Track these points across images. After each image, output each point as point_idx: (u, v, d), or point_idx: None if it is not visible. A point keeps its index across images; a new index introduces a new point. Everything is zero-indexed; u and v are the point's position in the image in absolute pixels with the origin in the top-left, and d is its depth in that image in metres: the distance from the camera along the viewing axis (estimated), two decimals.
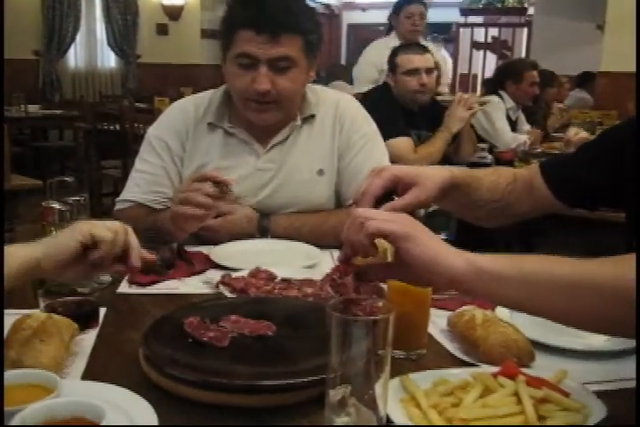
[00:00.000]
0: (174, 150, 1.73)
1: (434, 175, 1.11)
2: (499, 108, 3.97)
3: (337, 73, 6.70)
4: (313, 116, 1.75)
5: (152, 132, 1.78)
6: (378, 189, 1.06)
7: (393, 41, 4.25)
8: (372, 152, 1.77)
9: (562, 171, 1.25)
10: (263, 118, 1.66)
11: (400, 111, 3.14)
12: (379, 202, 1.06)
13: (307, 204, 1.72)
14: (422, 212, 2.10)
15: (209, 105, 1.74)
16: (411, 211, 1.06)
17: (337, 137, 1.75)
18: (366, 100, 1.89)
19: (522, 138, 3.79)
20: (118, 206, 1.75)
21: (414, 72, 3.14)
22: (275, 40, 1.55)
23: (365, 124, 1.80)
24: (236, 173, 1.70)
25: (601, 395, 0.88)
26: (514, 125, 4.08)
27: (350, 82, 5.12)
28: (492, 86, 4.23)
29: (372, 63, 4.32)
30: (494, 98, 3.97)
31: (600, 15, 6.24)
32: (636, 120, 1.15)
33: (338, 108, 1.77)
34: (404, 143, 3.00)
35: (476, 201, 1.22)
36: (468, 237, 1.53)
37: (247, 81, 1.59)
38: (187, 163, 1.73)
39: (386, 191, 1.07)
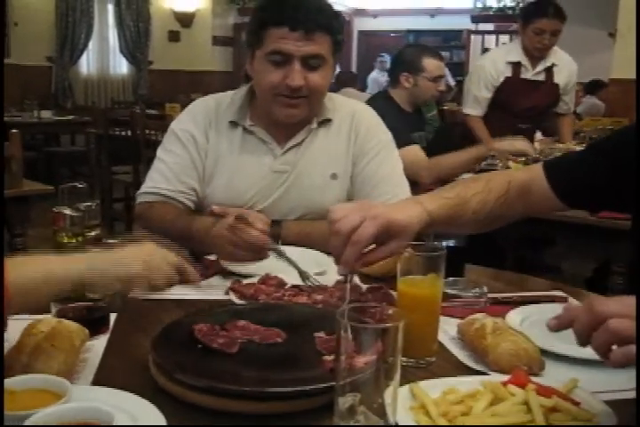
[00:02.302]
0: (200, 143, 1.73)
1: (412, 223, 1.11)
2: None
3: (347, 80, 6.72)
4: (329, 121, 1.76)
5: (176, 125, 1.78)
6: (371, 237, 1.06)
7: (513, 53, 3.72)
8: (386, 160, 1.78)
9: (566, 171, 1.25)
10: (291, 114, 1.67)
11: (402, 118, 3.11)
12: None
13: (318, 208, 1.72)
14: None
15: (230, 104, 1.76)
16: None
17: (352, 144, 1.77)
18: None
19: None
20: (142, 199, 1.73)
21: (439, 79, 3.15)
22: (308, 37, 1.57)
23: (380, 132, 1.81)
24: (251, 174, 1.72)
25: (611, 404, 0.87)
26: None
27: (362, 89, 4.98)
28: None
29: (485, 78, 3.73)
30: None
31: (612, 23, 6.23)
32: (637, 121, 1.15)
33: (354, 117, 1.78)
34: (413, 150, 2.98)
35: (461, 225, 1.23)
36: (476, 243, 1.53)
37: (279, 77, 1.60)
38: (209, 156, 1.74)
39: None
